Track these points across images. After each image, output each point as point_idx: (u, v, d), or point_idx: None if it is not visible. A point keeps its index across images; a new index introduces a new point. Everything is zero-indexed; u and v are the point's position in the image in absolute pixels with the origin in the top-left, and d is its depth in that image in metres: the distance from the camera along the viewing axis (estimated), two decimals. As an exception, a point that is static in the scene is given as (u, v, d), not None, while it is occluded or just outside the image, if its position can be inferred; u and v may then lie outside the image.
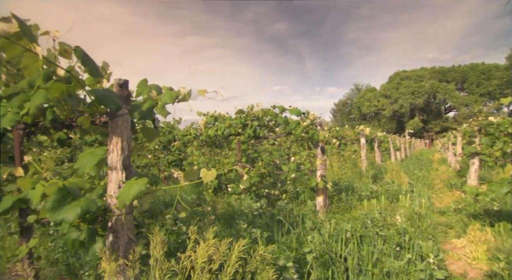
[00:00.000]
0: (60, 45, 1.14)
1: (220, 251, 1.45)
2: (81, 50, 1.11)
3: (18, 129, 2.22)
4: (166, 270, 1.32)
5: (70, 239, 1.27)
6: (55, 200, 1.23)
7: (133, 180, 1.25)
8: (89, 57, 1.16)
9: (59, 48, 1.15)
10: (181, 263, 1.38)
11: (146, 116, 1.66)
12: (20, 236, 2.26)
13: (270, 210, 3.35)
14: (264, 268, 1.51)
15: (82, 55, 1.11)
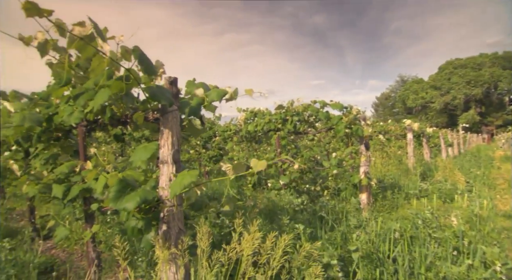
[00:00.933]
0: (121, 48, 1.23)
1: (266, 244, 1.47)
2: (139, 50, 1.19)
3: (82, 126, 2.46)
4: (215, 260, 1.37)
5: (130, 226, 1.38)
6: (117, 190, 1.34)
7: (185, 172, 1.31)
8: (146, 56, 1.24)
9: (121, 51, 1.24)
10: (227, 255, 1.42)
11: (194, 112, 1.73)
12: (85, 222, 2.52)
13: (311, 206, 3.31)
14: (310, 264, 1.50)
15: (139, 55, 1.18)
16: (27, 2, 0.94)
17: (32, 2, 0.95)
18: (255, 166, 1.27)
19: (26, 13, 0.98)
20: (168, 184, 1.57)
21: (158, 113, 1.59)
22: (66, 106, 2.06)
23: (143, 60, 1.22)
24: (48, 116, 2.41)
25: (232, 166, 1.36)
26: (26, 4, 0.95)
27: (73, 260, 3.04)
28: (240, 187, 5.01)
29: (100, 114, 1.90)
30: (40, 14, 0.98)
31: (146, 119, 1.81)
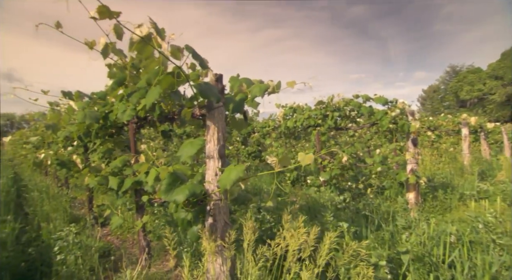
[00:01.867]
0: (171, 47, 1.29)
1: (310, 240, 1.44)
2: (191, 47, 1.23)
3: (132, 123, 2.64)
4: (260, 255, 1.38)
5: (180, 218, 1.45)
6: (167, 183, 1.42)
7: (232, 166, 1.34)
8: (197, 53, 1.29)
9: (171, 49, 1.30)
10: (272, 250, 1.43)
11: (238, 108, 1.75)
12: (136, 212, 2.72)
13: (353, 204, 3.19)
14: (358, 263, 1.45)
15: (192, 51, 1.23)
16: (100, 6, 1.03)
17: (105, 6, 1.04)
18: (302, 160, 1.25)
19: (99, 16, 1.07)
20: (214, 179, 1.62)
21: (205, 109, 1.64)
22: (120, 105, 2.22)
23: (196, 56, 1.26)
24: (104, 114, 2.62)
25: (278, 159, 1.35)
26: (100, 8, 1.03)
27: (126, 247, 3.29)
28: (279, 183, 5.01)
29: (150, 111, 2.01)
30: (111, 16, 1.07)
31: (192, 116, 1.88)
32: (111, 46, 1.70)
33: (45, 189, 5.56)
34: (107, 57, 1.87)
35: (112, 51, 1.75)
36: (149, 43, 1.18)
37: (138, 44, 1.20)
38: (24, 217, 4.08)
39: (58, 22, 1.53)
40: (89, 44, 1.65)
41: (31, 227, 3.53)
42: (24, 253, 2.70)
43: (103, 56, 1.84)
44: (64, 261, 2.35)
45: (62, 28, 1.55)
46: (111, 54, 1.87)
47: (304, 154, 1.27)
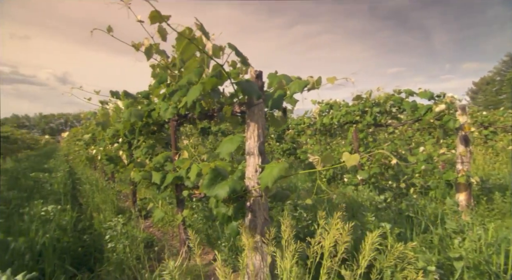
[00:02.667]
0: (213, 46, 1.31)
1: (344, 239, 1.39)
2: (233, 45, 1.24)
3: (173, 121, 2.75)
4: (296, 251, 1.37)
5: (221, 213, 1.48)
6: (209, 178, 1.45)
7: (274, 164, 1.33)
8: (239, 50, 1.30)
9: (212, 48, 1.32)
10: (312, 248, 1.40)
11: (277, 105, 1.74)
12: (176, 206, 2.84)
13: (395, 204, 3.02)
14: (404, 267, 1.36)
15: (235, 49, 1.24)
16: (153, 11, 1.08)
17: (157, 11, 1.10)
18: (347, 160, 1.20)
19: (151, 21, 1.13)
20: (254, 175, 1.63)
21: (244, 106, 1.65)
22: (163, 103, 2.33)
23: (239, 54, 1.28)
24: (147, 112, 2.77)
25: (320, 157, 1.31)
26: (152, 13, 1.09)
27: (167, 239, 3.46)
28: (314, 181, 4.91)
29: (191, 109, 2.08)
30: (161, 20, 1.12)
31: (232, 113, 1.91)
32: (155, 47, 1.78)
33: (95, 182, 6.04)
34: (150, 58, 1.96)
35: (155, 52, 1.83)
36: (193, 43, 1.21)
37: (183, 44, 1.24)
38: (79, 207, 4.47)
39: (109, 27, 1.64)
40: (135, 46, 1.75)
41: (85, 216, 3.86)
42: (80, 240, 2.96)
43: (147, 57, 1.93)
44: (114, 249, 2.53)
45: (113, 32, 1.65)
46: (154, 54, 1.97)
47: (349, 154, 1.21)
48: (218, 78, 1.43)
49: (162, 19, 1.12)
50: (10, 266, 2.05)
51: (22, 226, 2.68)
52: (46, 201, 3.76)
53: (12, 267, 2.12)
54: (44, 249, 2.34)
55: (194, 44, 1.21)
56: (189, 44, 1.22)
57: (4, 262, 2.11)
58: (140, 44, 1.72)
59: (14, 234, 2.46)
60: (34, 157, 14.42)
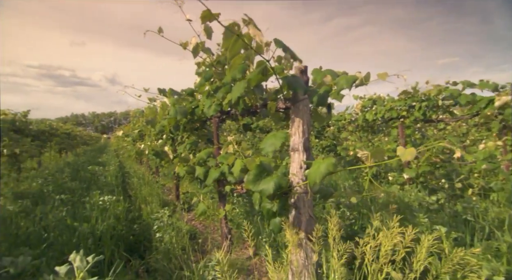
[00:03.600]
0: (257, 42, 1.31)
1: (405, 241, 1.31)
2: (280, 40, 1.24)
3: (215, 117, 2.83)
4: (345, 252, 1.33)
5: (266, 208, 1.49)
6: (255, 174, 1.47)
7: (321, 160, 1.30)
8: (287, 45, 1.29)
9: (256, 44, 1.33)
10: (360, 248, 1.35)
11: (322, 101, 1.69)
12: (219, 201, 2.93)
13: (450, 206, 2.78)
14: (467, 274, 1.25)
15: (282, 44, 1.24)
16: (205, 11, 1.13)
17: (208, 10, 1.13)
18: (402, 155, 1.13)
19: (202, 20, 1.18)
20: (299, 171, 1.61)
21: (289, 102, 1.63)
22: (206, 100, 2.40)
23: (286, 49, 1.27)
24: (191, 109, 2.88)
25: (370, 152, 1.26)
26: (204, 12, 1.13)
27: (208, 232, 3.59)
28: (355, 179, 4.73)
29: (234, 105, 2.11)
30: (212, 18, 1.16)
31: (275, 109, 1.91)
32: (201, 46, 1.84)
33: (141, 176, 6.47)
34: (197, 56, 2.03)
35: (201, 50, 1.89)
36: (241, 39, 1.23)
37: (231, 40, 1.26)
38: (128, 198, 4.83)
39: (160, 28, 1.73)
40: (183, 45, 1.83)
41: (134, 207, 4.16)
42: (131, 229, 3.19)
43: (194, 55, 2.01)
44: (162, 239, 2.70)
45: (163, 33, 1.74)
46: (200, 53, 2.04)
47: (403, 148, 1.14)
48: (263, 74, 1.43)
49: (213, 17, 1.14)
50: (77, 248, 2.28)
51: (84, 213, 2.97)
52: (102, 192, 4.12)
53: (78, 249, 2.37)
54: (103, 235, 2.57)
55: (242, 39, 1.23)
56: (236, 40, 1.24)
57: (72, 244, 2.35)
58: (188, 43, 1.80)
59: (80, 220, 2.73)
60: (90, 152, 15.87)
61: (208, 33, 1.70)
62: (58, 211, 3.03)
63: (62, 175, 5.97)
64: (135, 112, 5.24)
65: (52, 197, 3.83)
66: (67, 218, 2.78)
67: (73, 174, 6.32)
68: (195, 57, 1.90)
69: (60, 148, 11.42)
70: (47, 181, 5.10)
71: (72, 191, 4.47)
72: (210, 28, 1.71)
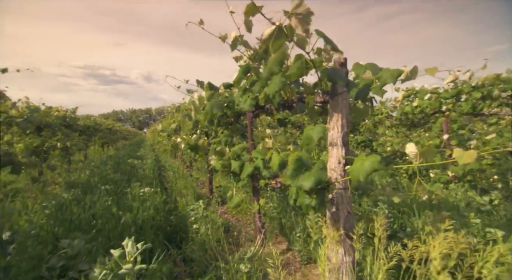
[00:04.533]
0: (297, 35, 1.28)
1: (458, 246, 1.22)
2: (321, 31, 1.20)
3: (250, 112, 2.84)
4: (395, 254, 1.26)
5: (304, 203, 1.47)
6: (293, 169, 1.45)
7: (364, 156, 1.25)
8: (328, 36, 1.25)
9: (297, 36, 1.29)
10: (408, 251, 1.28)
11: (363, 95, 1.62)
12: (252, 195, 2.95)
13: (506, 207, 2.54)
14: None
15: (323, 35, 1.20)
16: (249, 4, 1.13)
17: (253, 3, 1.13)
18: (460, 158, 1.03)
19: (246, 14, 1.18)
20: (337, 167, 1.57)
21: (327, 96, 1.59)
22: (243, 95, 2.42)
23: (327, 40, 1.23)
24: (226, 103, 2.91)
25: (420, 151, 1.18)
26: (249, 6, 1.14)
27: (241, 225, 3.65)
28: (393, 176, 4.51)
29: (270, 100, 2.10)
30: (255, 11, 1.16)
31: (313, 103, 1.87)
32: (240, 39, 1.85)
33: (176, 169, 6.74)
34: (234, 49, 2.05)
35: (240, 44, 1.90)
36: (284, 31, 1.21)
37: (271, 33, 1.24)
38: (164, 190, 5.06)
39: (201, 20, 1.76)
40: (222, 37, 1.85)
41: (170, 199, 4.35)
42: (168, 219, 3.35)
43: (232, 48, 2.02)
44: (198, 230, 2.79)
45: (203, 24, 1.77)
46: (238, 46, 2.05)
47: (461, 150, 1.04)
48: (303, 67, 1.40)
49: (257, 9, 1.14)
50: (121, 235, 2.45)
51: (127, 203, 3.16)
52: (141, 184, 4.35)
53: (122, 236, 2.53)
54: (144, 224, 2.72)
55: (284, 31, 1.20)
56: (278, 32, 1.22)
57: (117, 231, 2.52)
58: (226, 36, 1.82)
59: (123, 210, 2.92)
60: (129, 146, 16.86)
61: (248, 26, 1.70)
62: (104, 200, 3.26)
63: (105, 167, 6.41)
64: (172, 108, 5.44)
65: (98, 187, 4.12)
66: (112, 207, 2.98)
67: (115, 167, 6.75)
68: (233, 50, 1.91)
69: (103, 142, 12.26)
70: (93, 172, 5.51)
71: (115, 182, 4.79)
72: (250, 21, 1.71)
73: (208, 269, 2.37)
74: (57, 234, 2.43)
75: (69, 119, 6.95)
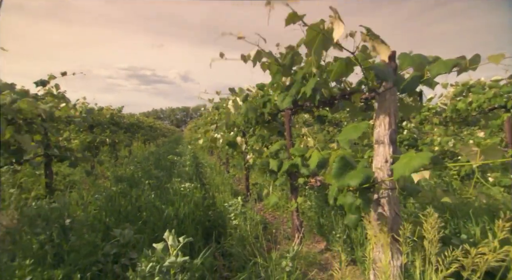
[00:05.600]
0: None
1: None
2: (369, 28, 1.15)
3: (288, 110, 2.82)
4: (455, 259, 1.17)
5: (348, 203, 1.43)
6: (338, 167, 1.41)
7: (413, 153, 1.18)
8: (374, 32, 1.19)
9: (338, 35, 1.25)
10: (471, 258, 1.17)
11: (411, 88, 1.52)
12: (290, 193, 2.93)
13: None
14: None
15: (371, 32, 1.15)
16: (291, 13, 1.13)
17: (294, 12, 1.13)
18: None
19: (286, 22, 1.18)
20: (384, 166, 1.49)
21: (374, 92, 1.51)
22: (279, 94, 2.41)
23: (375, 36, 1.17)
24: (263, 103, 2.93)
25: (481, 149, 1.08)
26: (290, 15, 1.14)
27: (278, 223, 3.64)
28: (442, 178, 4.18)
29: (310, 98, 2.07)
30: (296, 20, 1.15)
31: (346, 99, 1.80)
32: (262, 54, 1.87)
33: (213, 166, 6.93)
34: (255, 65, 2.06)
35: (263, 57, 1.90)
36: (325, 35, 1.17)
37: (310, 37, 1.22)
38: (203, 186, 5.23)
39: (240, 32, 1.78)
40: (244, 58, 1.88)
41: (208, 195, 4.49)
42: (207, 215, 3.46)
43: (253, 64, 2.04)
44: (236, 226, 2.84)
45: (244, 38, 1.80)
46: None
47: None
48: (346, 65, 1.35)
49: (299, 18, 1.13)
50: (164, 227, 2.59)
51: (169, 197, 3.33)
52: (181, 179, 4.55)
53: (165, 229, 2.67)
54: (185, 218, 2.84)
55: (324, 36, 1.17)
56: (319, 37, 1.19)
57: (160, 224, 2.66)
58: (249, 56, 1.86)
59: (166, 204, 3.08)
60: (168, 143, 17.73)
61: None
62: (148, 194, 3.47)
63: (148, 163, 6.80)
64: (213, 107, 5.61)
65: (142, 182, 4.39)
66: (155, 201, 3.15)
67: (156, 163, 7.14)
68: (254, 66, 1.95)
69: (145, 139, 13.04)
70: (137, 168, 5.89)
71: (156, 177, 5.06)
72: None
73: (246, 264, 2.40)
74: (108, 223, 2.63)
75: (116, 117, 7.49)
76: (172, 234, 1.52)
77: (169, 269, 1.41)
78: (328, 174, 1.45)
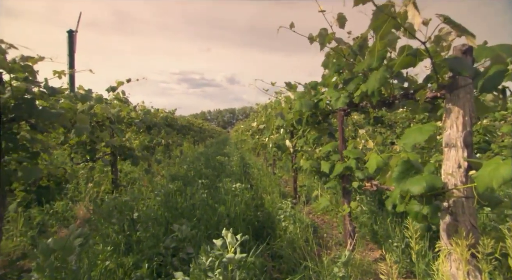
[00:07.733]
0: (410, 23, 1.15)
1: None
2: (448, 16, 1.05)
3: (341, 110, 2.71)
4: None
5: (413, 211, 1.32)
6: (400, 171, 1.32)
7: (499, 160, 1.04)
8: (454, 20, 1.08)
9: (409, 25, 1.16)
10: None
11: (492, 85, 1.34)
12: (342, 197, 2.82)
13: None
14: None
15: (450, 20, 1.05)
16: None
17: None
18: None
19: (355, 3, 1.14)
20: (456, 171, 1.35)
21: (444, 89, 1.38)
22: (334, 92, 2.32)
23: (455, 24, 1.06)
24: (314, 102, 2.86)
25: None
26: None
27: (328, 227, 3.53)
28: None
29: (368, 97, 1.96)
30: (366, 0, 1.10)
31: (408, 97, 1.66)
32: (331, 36, 1.79)
33: (260, 167, 7.00)
34: (324, 47, 1.99)
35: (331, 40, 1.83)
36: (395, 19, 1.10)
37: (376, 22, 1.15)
38: (251, 187, 5.32)
39: (292, 23, 1.77)
40: (312, 38, 1.82)
41: (256, 196, 4.54)
42: (256, 215, 3.50)
43: (321, 46, 1.97)
44: (286, 228, 2.83)
45: (294, 27, 1.78)
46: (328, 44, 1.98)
47: None
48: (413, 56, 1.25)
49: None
50: (217, 225, 2.69)
51: (220, 197, 3.45)
52: (231, 179, 4.68)
53: (218, 226, 2.77)
54: (236, 217, 2.91)
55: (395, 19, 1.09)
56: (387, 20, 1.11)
57: (214, 222, 2.77)
58: (315, 37, 1.79)
59: (218, 202, 3.20)
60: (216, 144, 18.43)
61: (342, 22, 1.63)
62: (201, 193, 3.64)
63: (198, 163, 7.15)
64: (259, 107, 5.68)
65: (195, 180, 4.63)
66: (208, 199, 3.29)
67: (206, 163, 7.47)
68: (322, 48, 1.86)
69: (194, 140, 13.74)
70: (189, 167, 6.22)
71: (207, 177, 5.29)
72: (344, 17, 1.63)
73: (296, 267, 2.37)
74: (168, 219, 2.82)
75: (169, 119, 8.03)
76: (230, 232, 1.57)
77: (227, 264, 1.45)
78: (388, 179, 1.36)
